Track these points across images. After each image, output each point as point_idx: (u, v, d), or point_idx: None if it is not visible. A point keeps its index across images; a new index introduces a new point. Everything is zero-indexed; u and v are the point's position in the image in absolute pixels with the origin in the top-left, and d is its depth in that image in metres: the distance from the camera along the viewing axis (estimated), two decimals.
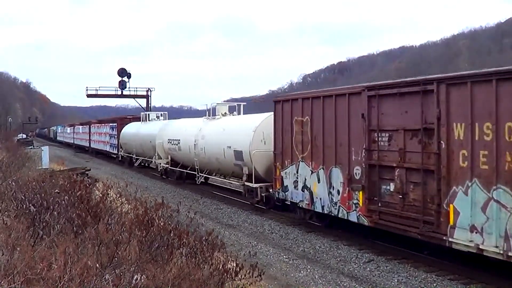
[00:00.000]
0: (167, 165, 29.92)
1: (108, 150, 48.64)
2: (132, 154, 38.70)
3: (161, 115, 38.25)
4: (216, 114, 25.06)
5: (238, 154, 20.28)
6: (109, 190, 11.70)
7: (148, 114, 39.38)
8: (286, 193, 16.70)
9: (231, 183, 23.86)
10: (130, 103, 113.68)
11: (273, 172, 17.75)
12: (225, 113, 24.86)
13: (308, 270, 11.90)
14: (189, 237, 8.74)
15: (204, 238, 8.77)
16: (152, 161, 33.64)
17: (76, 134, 73.19)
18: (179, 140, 27.30)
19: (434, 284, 10.79)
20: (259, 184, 18.92)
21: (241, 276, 7.84)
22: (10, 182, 13.09)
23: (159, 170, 31.54)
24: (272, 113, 17.83)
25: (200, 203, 21.56)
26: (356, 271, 11.89)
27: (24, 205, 9.68)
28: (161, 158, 30.95)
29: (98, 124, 55.47)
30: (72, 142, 75.63)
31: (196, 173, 25.64)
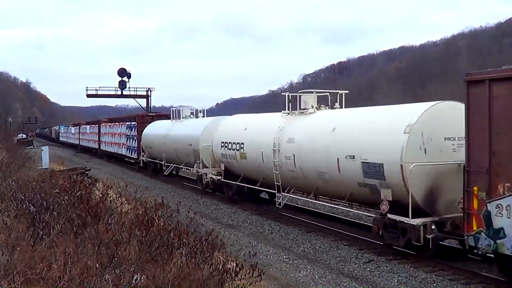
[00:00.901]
0: (218, 177, 21.92)
1: (124, 153, 41.30)
2: (161, 160, 30.75)
3: (200, 111, 30.26)
4: (303, 106, 17.53)
5: (373, 169, 13.12)
6: (109, 190, 11.70)
7: (181, 110, 30.73)
8: (498, 240, 9.75)
9: (350, 211, 16.29)
10: (130, 103, 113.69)
11: (448, 200, 12.02)
12: (320, 105, 17.48)
13: (308, 270, 11.90)
14: (189, 237, 8.75)
15: (204, 238, 8.78)
16: (192, 170, 25.79)
17: (82, 134, 66.87)
18: (242, 144, 19.82)
19: (434, 284, 10.78)
20: (421, 220, 11.87)
21: (241, 276, 7.84)
22: (10, 182, 13.10)
23: (203, 182, 23.46)
24: (434, 103, 12.80)
25: (200, 203, 21.55)
26: (356, 271, 11.89)
27: (24, 205, 9.69)
28: (207, 167, 23.50)
29: (110, 123, 48.40)
30: (78, 143, 69.43)
31: (275, 191, 17.79)
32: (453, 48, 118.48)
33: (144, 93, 64.13)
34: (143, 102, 64.65)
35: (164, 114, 36.99)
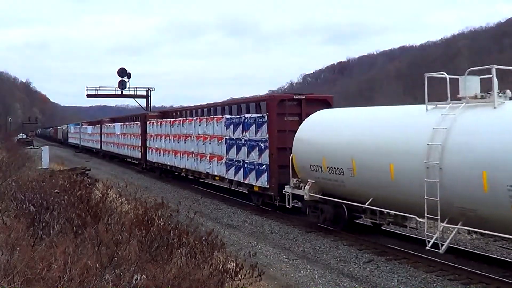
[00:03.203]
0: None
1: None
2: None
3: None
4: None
5: None
6: (109, 190, 11.71)
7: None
8: None
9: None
10: (130, 103, 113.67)
11: None
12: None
13: (308, 270, 11.90)
14: (189, 237, 8.75)
15: (204, 238, 8.78)
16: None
17: (106, 136, 48.39)
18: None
19: (434, 284, 10.78)
20: None
21: (241, 276, 7.84)
22: (10, 182, 13.11)
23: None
24: None
25: (200, 203, 21.55)
26: (356, 271, 11.89)
27: (24, 205, 9.69)
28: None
29: (165, 120, 30.67)
30: (99, 147, 51.65)
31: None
32: (453, 48, 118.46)
33: (144, 93, 64.12)
34: (143, 102, 64.66)
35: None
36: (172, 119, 29.44)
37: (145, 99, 64.08)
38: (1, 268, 6.15)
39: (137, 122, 36.59)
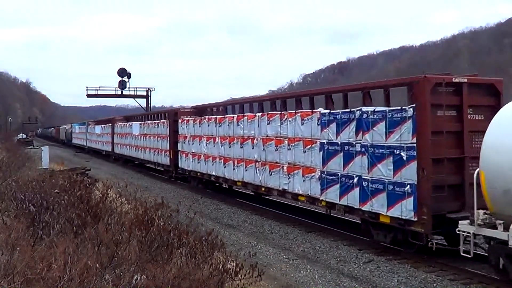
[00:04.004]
0: None
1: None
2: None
3: None
4: None
5: None
6: (109, 190, 11.71)
7: None
8: None
9: None
10: (130, 103, 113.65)
11: None
12: None
13: (308, 270, 11.90)
14: (189, 237, 8.75)
15: (204, 238, 8.78)
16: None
17: (121, 137, 41.53)
18: None
19: (434, 284, 10.79)
20: None
21: (241, 276, 7.84)
22: (10, 182, 13.11)
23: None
24: None
25: (200, 203, 21.54)
26: (356, 271, 11.89)
27: (24, 205, 9.70)
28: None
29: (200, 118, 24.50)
30: (110, 150, 45.68)
31: None
32: (453, 48, 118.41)
33: (144, 93, 64.15)
34: (143, 102, 64.68)
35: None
36: (218, 116, 22.46)
37: (145, 99, 64.13)
38: (1, 268, 6.15)
39: (164, 120, 29.99)
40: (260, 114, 19.02)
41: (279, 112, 17.69)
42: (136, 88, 64.42)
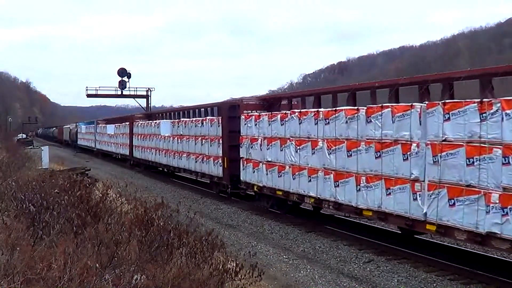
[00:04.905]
0: None
1: None
2: None
3: None
4: None
5: None
6: (109, 190, 11.71)
7: None
8: None
9: None
10: (130, 103, 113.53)
11: None
12: None
13: (308, 270, 11.90)
14: (189, 237, 8.75)
15: (204, 238, 8.79)
16: None
17: (143, 139, 34.51)
18: None
19: (434, 284, 10.79)
20: None
21: (241, 276, 7.84)
22: (10, 182, 13.10)
23: None
24: None
25: (200, 203, 21.55)
26: (356, 271, 11.89)
27: (24, 205, 9.69)
28: None
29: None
30: (128, 153, 38.97)
31: None
32: (453, 48, 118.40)
33: (144, 93, 64.13)
34: (143, 102, 64.66)
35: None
36: (323, 110, 15.01)
37: (145, 99, 64.13)
38: (1, 268, 6.15)
39: (214, 117, 23.18)
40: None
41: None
42: (136, 88, 64.37)
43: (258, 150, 18.26)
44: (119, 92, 63.58)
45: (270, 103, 20.53)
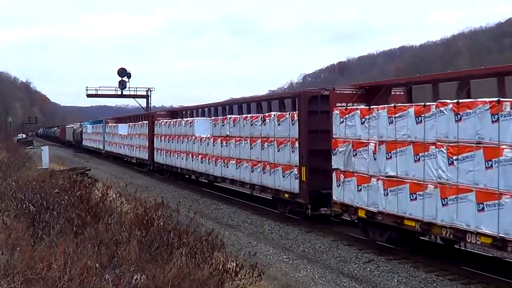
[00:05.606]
0: None
1: None
2: None
3: None
4: None
5: None
6: (109, 190, 11.71)
7: None
8: None
9: None
10: (130, 103, 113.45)
11: None
12: None
13: (308, 270, 11.90)
14: (189, 237, 8.75)
15: (204, 238, 8.79)
16: None
17: (168, 140, 28.92)
18: None
19: (434, 284, 10.79)
20: None
21: (241, 276, 7.84)
22: (10, 182, 13.10)
23: None
24: None
25: (200, 203, 21.56)
26: (356, 271, 11.89)
27: (24, 205, 9.69)
28: None
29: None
30: (146, 158, 33.71)
31: None
32: (453, 48, 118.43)
33: (144, 93, 64.17)
34: (143, 102, 64.69)
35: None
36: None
37: (145, 99, 64.16)
38: (1, 268, 6.15)
39: (285, 113, 17.32)
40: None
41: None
42: (136, 88, 64.44)
43: (368, 159, 13.05)
44: (119, 92, 63.65)
45: (372, 92, 14.65)
